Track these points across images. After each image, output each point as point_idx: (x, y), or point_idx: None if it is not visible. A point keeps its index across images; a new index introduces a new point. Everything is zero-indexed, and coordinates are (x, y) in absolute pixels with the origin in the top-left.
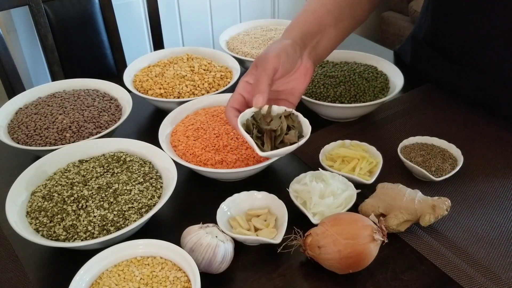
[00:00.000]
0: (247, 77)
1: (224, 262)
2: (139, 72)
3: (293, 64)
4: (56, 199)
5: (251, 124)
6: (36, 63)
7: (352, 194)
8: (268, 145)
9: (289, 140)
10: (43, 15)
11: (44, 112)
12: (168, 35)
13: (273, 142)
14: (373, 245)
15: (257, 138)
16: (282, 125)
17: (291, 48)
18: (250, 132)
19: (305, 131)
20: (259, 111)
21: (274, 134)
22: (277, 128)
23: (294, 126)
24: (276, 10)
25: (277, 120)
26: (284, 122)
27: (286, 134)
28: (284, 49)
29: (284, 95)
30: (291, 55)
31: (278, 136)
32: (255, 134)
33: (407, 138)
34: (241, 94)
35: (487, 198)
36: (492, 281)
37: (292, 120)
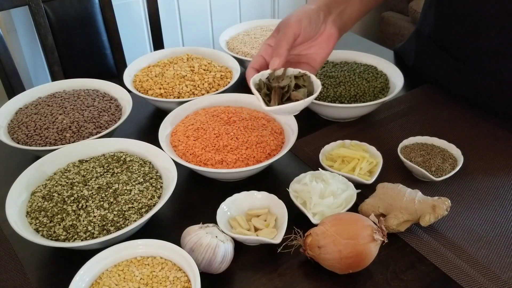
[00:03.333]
0: (269, 40)
1: (224, 262)
2: (139, 72)
3: (315, 30)
4: (56, 199)
5: (263, 83)
6: (36, 63)
7: (352, 194)
8: (274, 101)
9: (296, 97)
10: (43, 15)
11: (44, 112)
12: (168, 35)
13: (280, 99)
14: (373, 245)
15: (265, 95)
16: (290, 83)
17: (314, 14)
18: (260, 90)
19: (315, 90)
20: (273, 72)
21: (281, 91)
22: (285, 85)
23: (305, 85)
24: (276, 10)
25: (287, 79)
26: (293, 81)
27: (294, 91)
28: (307, 15)
29: (306, 59)
30: (314, 21)
31: (286, 93)
32: (264, 91)
33: (407, 138)
34: (262, 56)
35: (487, 198)
36: (492, 281)
37: (304, 80)
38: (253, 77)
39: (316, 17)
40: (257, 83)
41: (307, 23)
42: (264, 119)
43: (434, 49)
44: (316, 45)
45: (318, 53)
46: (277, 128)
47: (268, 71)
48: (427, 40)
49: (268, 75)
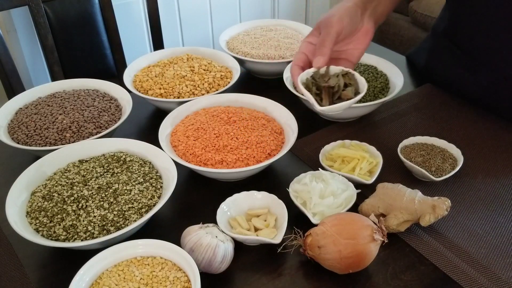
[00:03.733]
0: (309, 38)
1: (224, 262)
2: (139, 72)
3: (354, 26)
4: (56, 199)
5: (310, 82)
6: (36, 63)
7: (352, 194)
8: (326, 101)
9: (346, 96)
10: (43, 15)
11: (44, 112)
12: (168, 35)
13: (331, 98)
14: (373, 245)
15: (315, 95)
16: (339, 82)
17: (353, 11)
18: (309, 90)
19: (361, 88)
20: (318, 71)
21: (331, 90)
22: (335, 84)
23: (351, 83)
24: (276, 10)
25: (335, 78)
26: (341, 80)
27: (343, 90)
28: (347, 12)
29: (345, 54)
30: (354, 18)
31: (336, 92)
32: (314, 91)
33: (407, 138)
34: (304, 53)
35: (487, 198)
36: (492, 281)
37: (349, 78)
38: (299, 77)
39: (355, 14)
40: (304, 82)
41: (348, 20)
42: (264, 119)
43: (447, 45)
44: (354, 40)
45: (356, 48)
46: (277, 128)
47: (312, 70)
48: (442, 36)
49: (312, 73)
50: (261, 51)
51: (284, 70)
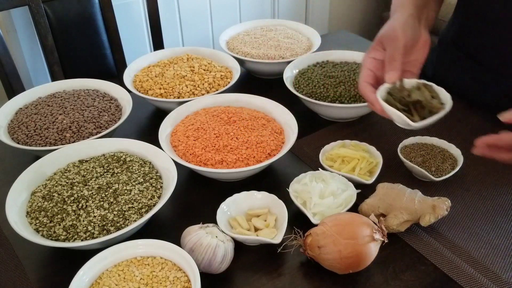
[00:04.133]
0: (372, 53)
1: (224, 262)
2: (139, 72)
3: (416, 37)
4: (56, 199)
5: (392, 98)
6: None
7: (352, 194)
8: (417, 116)
9: (435, 108)
10: (43, 15)
11: (44, 112)
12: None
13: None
14: (373, 245)
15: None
16: (425, 95)
17: (412, 22)
18: (393, 106)
19: (445, 99)
20: (394, 86)
21: (419, 104)
22: (423, 99)
23: (434, 95)
24: (276, 10)
25: (417, 92)
26: (425, 92)
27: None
28: (408, 24)
29: (407, 66)
30: (414, 29)
31: (424, 106)
32: (400, 107)
33: (407, 138)
34: (370, 69)
35: (487, 198)
36: (492, 281)
37: (428, 90)
38: (378, 94)
39: (414, 25)
40: (385, 99)
41: (410, 32)
42: (264, 119)
43: (456, 54)
44: (416, 51)
45: (418, 59)
46: (277, 128)
47: (386, 86)
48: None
49: (387, 89)
50: (261, 51)
51: (284, 70)
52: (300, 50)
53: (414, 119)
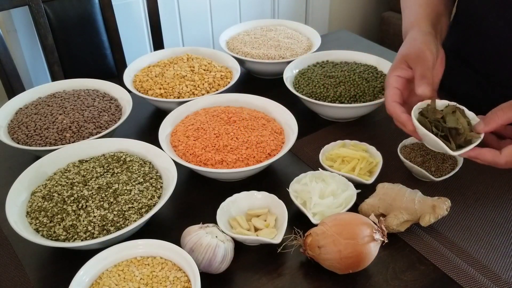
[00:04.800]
0: (398, 72)
1: (224, 262)
2: (139, 72)
3: (437, 55)
4: (56, 199)
5: (427, 121)
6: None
7: (352, 194)
8: (453, 143)
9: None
10: (43, 15)
11: (44, 112)
12: (168, 35)
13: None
14: (373, 245)
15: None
16: (462, 122)
17: (433, 40)
18: (428, 130)
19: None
20: (426, 107)
21: (456, 132)
22: (460, 126)
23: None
24: (276, 10)
25: (452, 117)
26: (461, 118)
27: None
28: (431, 42)
29: None
30: (437, 47)
31: (462, 133)
32: (436, 132)
33: (407, 138)
34: (397, 88)
35: (487, 198)
36: (492, 281)
37: (462, 114)
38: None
39: (434, 42)
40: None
41: (435, 50)
42: (264, 119)
43: (454, 63)
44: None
45: (436, 75)
46: (277, 128)
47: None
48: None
49: (420, 110)
50: (261, 51)
51: (284, 70)
52: (300, 50)
53: (451, 146)
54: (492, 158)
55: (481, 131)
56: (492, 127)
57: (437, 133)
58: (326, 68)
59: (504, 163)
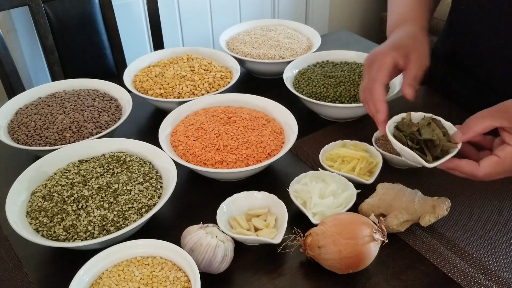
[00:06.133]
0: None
1: (224, 262)
2: (139, 72)
3: None
4: (56, 199)
5: (402, 135)
6: (36, 63)
7: (352, 194)
8: (429, 156)
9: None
10: (43, 15)
11: (44, 112)
12: (168, 35)
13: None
14: (373, 245)
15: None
16: (437, 133)
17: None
18: (404, 144)
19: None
20: (402, 121)
21: (431, 143)
22: (435, 137)
23: (444, 131)
24: (276, 10)
25: (427, 129)
26: (436, 129)
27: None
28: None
29: None
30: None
31: (438, 145)
32: (411, 145)
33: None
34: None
35: (487, 198)
36: (492, 280)
37: (438, 125)
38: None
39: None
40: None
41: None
42: (264, 119)
43: (450, 69)
44: None
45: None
46: (277, 128)
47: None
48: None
49: (395, 123)
50: (261, 51)
51: (284, 70)
52: (300, 50)
53: (427, 159)
54: (471, 170)
55: (459, 141)
56: (469, 136)
57: (412, 146)
58: (326, 68)
59: (482, 175)
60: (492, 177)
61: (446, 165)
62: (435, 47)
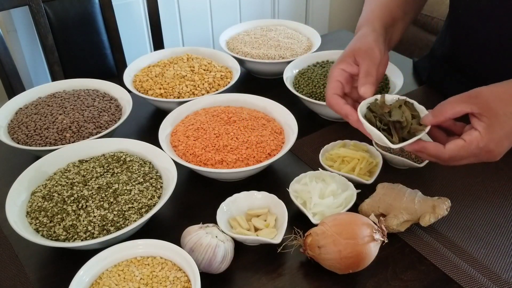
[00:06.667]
0: (343, 65)
1: (224, 262)
2: (139, 72)
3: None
4: (56, 199)
5: (372, 116)
6: (36, 63)
7: (352, 194)
8: (396, 137)
9: (415, 129)
10: (43, 15)
11: (44, 112)
12: (168, 35)
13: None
14: (373, 245)
15: (382, 130)
16: (406, 116)
17: (382, 40)
18: (373, 124)
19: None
20: (374, 102)
21: (400, 125)
22: (403, 119)
23: (415, 114)
24: (276, 10)
25: (398, 111)
26: (406, 112)
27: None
28: (380, 42)
29: None
30: (384, 48)
31: (405, 127)
32: (380, 126)
33: None
34: (339, 81)
35: (487, 198)
36: (492, 280)
37: (410, 108)
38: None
39: (383, 44)
40: (364, 116)
41: (383, 50)
42: (264, 119)
43: (448, 70)
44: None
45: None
46: (277, 128)
47: (367, 101)
48: (441, 61)
49: (368, 105)
50: (261, 51)
51: (284, 70)
52: (300, 50)
53: (393, 140)
54: (436, 152)
55: (428, 123)
56: (439, 120)
57: (380, 127)
58: (326, 68)
59: (447, 158)
60: (457, 161)
61: (412, 147)
62: (434, 47)
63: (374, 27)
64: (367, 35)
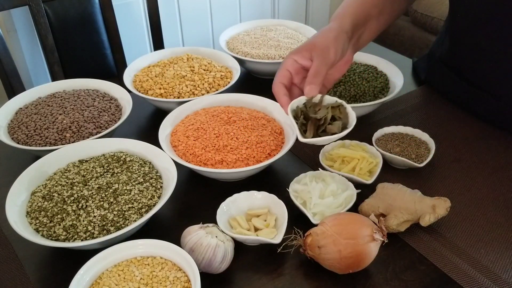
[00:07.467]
0: (296, 56)
1: (224, 262)
2: (139, 72)
3: (343, 55)
4: (56, 199)
5: (300, 111)
6: (36, 63)
7: (352, 194)
8: (310, 133)
9: (331, 130)
10: (43, 15)
11: (44, 112)
12: (168, 35)
13: (316, 130)
14: (373, 245)
15: (302, 124)
16: (327, 115)
17: (345, 39)
18: (297, 118)
19: (350, 123)
20: (311, 99)
21: (318, 122)
22: (322, 117)
23: (341, 117)
24: (276, 10)
25: (323, 110)
26: (329, 113)
27: (330, 124)
28: (340, 42)
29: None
30: (344, 47)
31: (322, 125)
32: (301, 120)
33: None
34: (288, 70)
35: (487, 198)
36: (492, 280)
37: (340, 111)
38: (290, 105)
39: (346, 43)
40: (294, 109)
41: (341, 50)
42: (264, 119)
43: (445, 71)
44: (335, 68)
45: (333, 75)
46: (277, 128)
47: (305, 97)
48: (438, 63)
49: (305, 101)
50: (261, 51)
51: None
52: None
53: (306, 135)
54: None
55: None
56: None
57: (301, 121)
58: None
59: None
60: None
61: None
62: (433, 47)
63: (342, 24)
64: (330, 31)
